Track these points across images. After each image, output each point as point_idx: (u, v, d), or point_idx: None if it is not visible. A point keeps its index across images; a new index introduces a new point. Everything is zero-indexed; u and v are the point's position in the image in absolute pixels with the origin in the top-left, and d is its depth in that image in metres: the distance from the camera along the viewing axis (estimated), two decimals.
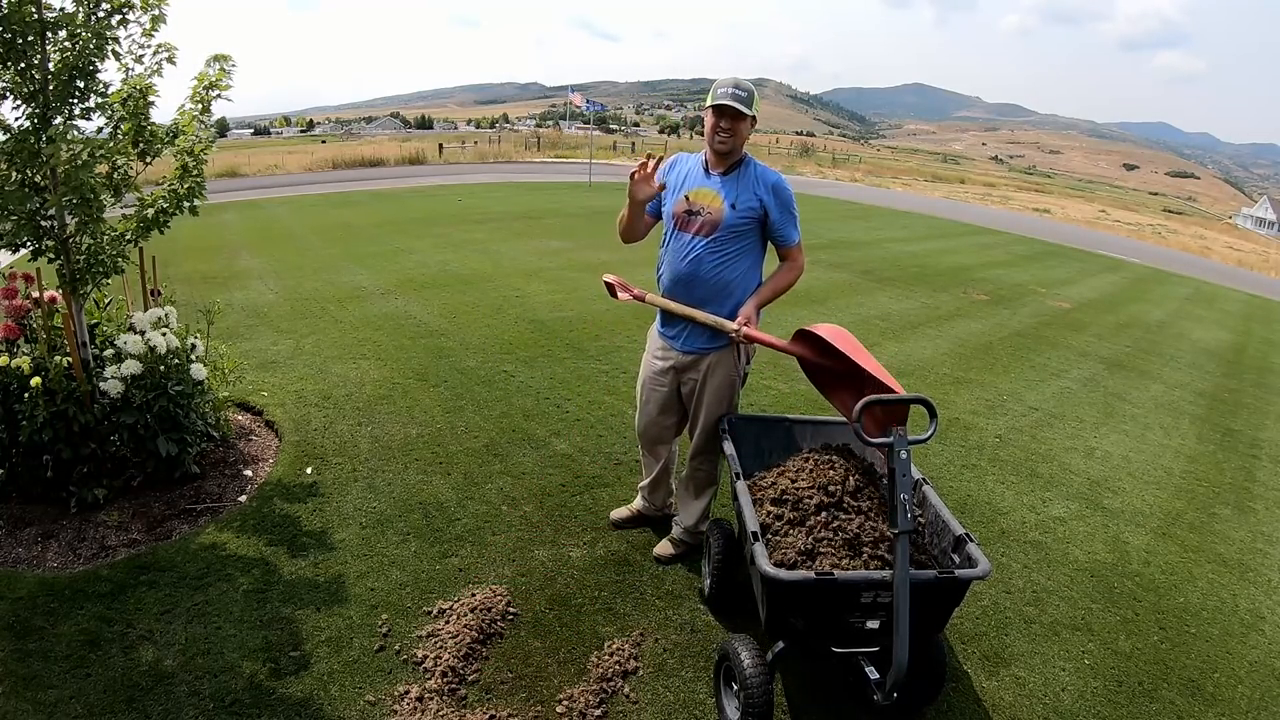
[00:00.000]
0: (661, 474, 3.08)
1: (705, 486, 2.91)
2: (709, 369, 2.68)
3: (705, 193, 2.55)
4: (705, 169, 2.59)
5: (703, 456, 2.84)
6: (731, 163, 2.54)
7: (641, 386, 2.88)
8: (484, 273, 8.05)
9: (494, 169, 24.50)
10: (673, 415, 2.88)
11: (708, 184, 2.56)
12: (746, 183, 2.53)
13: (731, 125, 2.44)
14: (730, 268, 2.56)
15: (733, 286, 2.58)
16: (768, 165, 2.60)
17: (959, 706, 2.35)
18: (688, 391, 2.78)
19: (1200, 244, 30.21)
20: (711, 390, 2.70)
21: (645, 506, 3.18)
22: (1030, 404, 5.34)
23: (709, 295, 2.59)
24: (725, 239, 2.53)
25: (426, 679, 2.27)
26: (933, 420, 2.07)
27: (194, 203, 3.14)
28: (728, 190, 2.52)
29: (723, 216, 2.51)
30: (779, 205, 2.54)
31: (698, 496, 2.92)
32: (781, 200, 2.54)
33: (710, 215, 2.53)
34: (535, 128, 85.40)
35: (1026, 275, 11.50)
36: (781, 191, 2.54)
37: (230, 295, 6.58)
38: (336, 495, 3.28)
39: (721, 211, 2.51)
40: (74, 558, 2.74)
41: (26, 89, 2.69)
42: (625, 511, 3.21)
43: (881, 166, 57.55)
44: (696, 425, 2.79)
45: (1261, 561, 3.52)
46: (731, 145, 2.48)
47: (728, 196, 2.51)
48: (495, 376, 4.84)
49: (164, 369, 3.11)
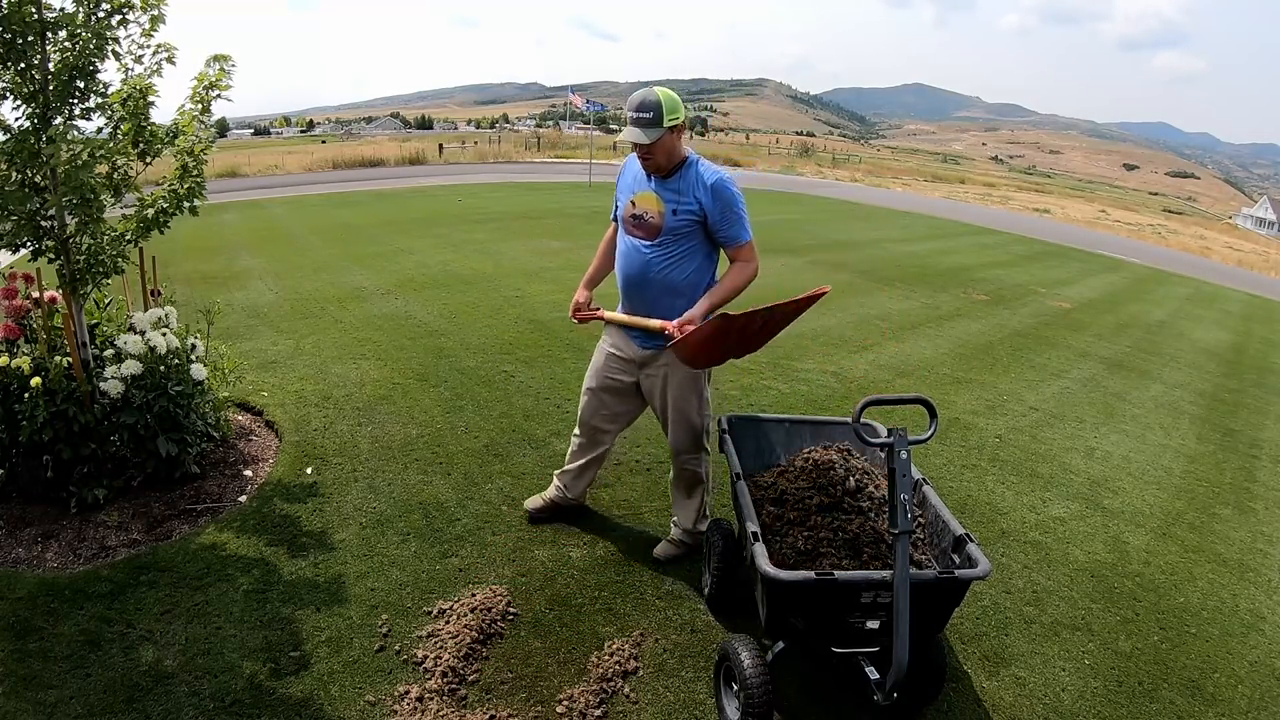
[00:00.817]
0: (591, 463, 3.03)
1: (695, 484, 2.88)
2: (669, 363, 2.67)
3: (647, 197, 2.56)
4: (647, 173, 2.57)
5: (686, 455, 2.81)
6: (670, 168, 2.52)
7: (593, 373, 2.86)
8: (484, 273, 8.05)
9: (494, 169, 24.50)
10: (625, 409, 2.88)
11: (649, 188, 2.56)
12: (686, 186, 2.51)
13: (648, 150, 2.44)
14: (676, 270, 2.56)
15: (681, 288, 2.57)
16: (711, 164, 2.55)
17: (959, 706, 2.35)
18: (648, 388, 2.76)
19: (1200, 244, 30.22)
20: (675, 385, 2.70)
21: (560, 495, 3.12)
22: (1030, 404, 5.34)
23: (658, 297, 2.59)
24: (668, 242, 2.53)
25: (426, 679, 2.27)
26: (933, 420, 2.07)
27: (194, 203, 3.14)
28: (668, 194, 2.52)
29: (663, 221, 2.52)
30: (719, 206, 2.49)
31: (689, 495, 2.91)
32: (722, 200, 2.49)
33: (652, 220, 2.54)
34: (535, 128, 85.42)
35: (1026, 275, 11.50)
36: (721, 192, 2.48)
37: (230, 295, 6.58)
38: (336, 495, 3.28)
39: (662, 216, 2.52)
40: (74, 558, 2.74)
41: (26, 89, 2.69)
42: (539, 500, 3.16)
43: (881, 167, 57.56)
44: (667, 423, 2.77)
45: (1261, 561, 3.52)
46: (655, 165, 2.49)
47: (668, 201, 2.51)
48: (495, 376, 4.85)
49: (164, 369, 3.11)
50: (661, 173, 2.52)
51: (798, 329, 6.66)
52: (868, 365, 5.80)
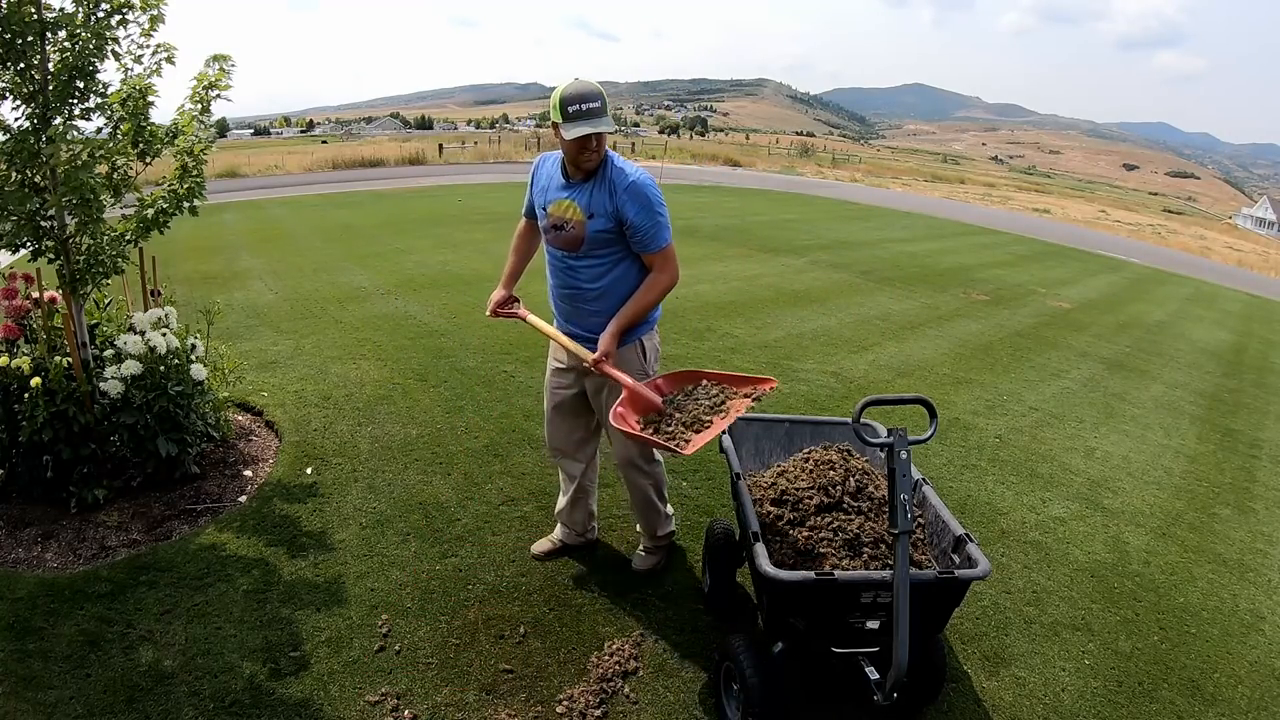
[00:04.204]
0: (579, 493, 2.81)
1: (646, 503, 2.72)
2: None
3: (564, 204, 2.34)
4: (565, 175, 2.37)
5: (631, 467, 2.62)
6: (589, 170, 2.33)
7: (547, 396, 2.71)
8: (484, 273, 8.05)
9: (494, 169, 24.50)
10: (582, 420, 2.69)
11: (565, 194, 2.35)
12: (601, 189, 2.30)
13: (599, 143, 2.24)
14: (606, 277, 2.38)
15: (612, 294, 2.39)
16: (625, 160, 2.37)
17: (959, 706, 2.35)
18: (594, 390, 2.57)
19: (1200, 244, 30.21)
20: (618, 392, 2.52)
21: (565, 534, 2.92)
22: (1030, 404, 5.34)
23: (597, 308, 2.41)
24: (592, 249, 2.34)
25: (426, 679, 2.27)
26: (933, 420, 2.07)
27: (194, 203, 3.14)
28: (585, 199, 2.31)
29: (584, 230, 2.31)
30: (637, 208, 2.27)
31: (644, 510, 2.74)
32: (639, 202, 2.27)
33: (573, 230, 2.33)
34: (535, 128, 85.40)
35: (1026, 275, 11.49)
36: (639, 193, 2.27)
37: (230, 295, 6.58)
38: (336, 495, 3.28)
39: (583, 224, 2.31)
40: (74, 558, 2.74)
41: (26, 89, 2.69)
42: (546, 544, 2.93)
43: (881, 167, 57.56)
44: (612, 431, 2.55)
45: (1261, 561, 3.52)
46: (598, 160, 2.27)
47: (585, 206, 2.31)
48: (495, 376, 4.84)
49: (164, 369, 3.11)
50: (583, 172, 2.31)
51: (798, 329, 6.67)
52: (867, 365, 5.80)
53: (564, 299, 2.49)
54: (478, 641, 2.45)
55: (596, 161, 2.28)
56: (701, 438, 2.12)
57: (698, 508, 3.38)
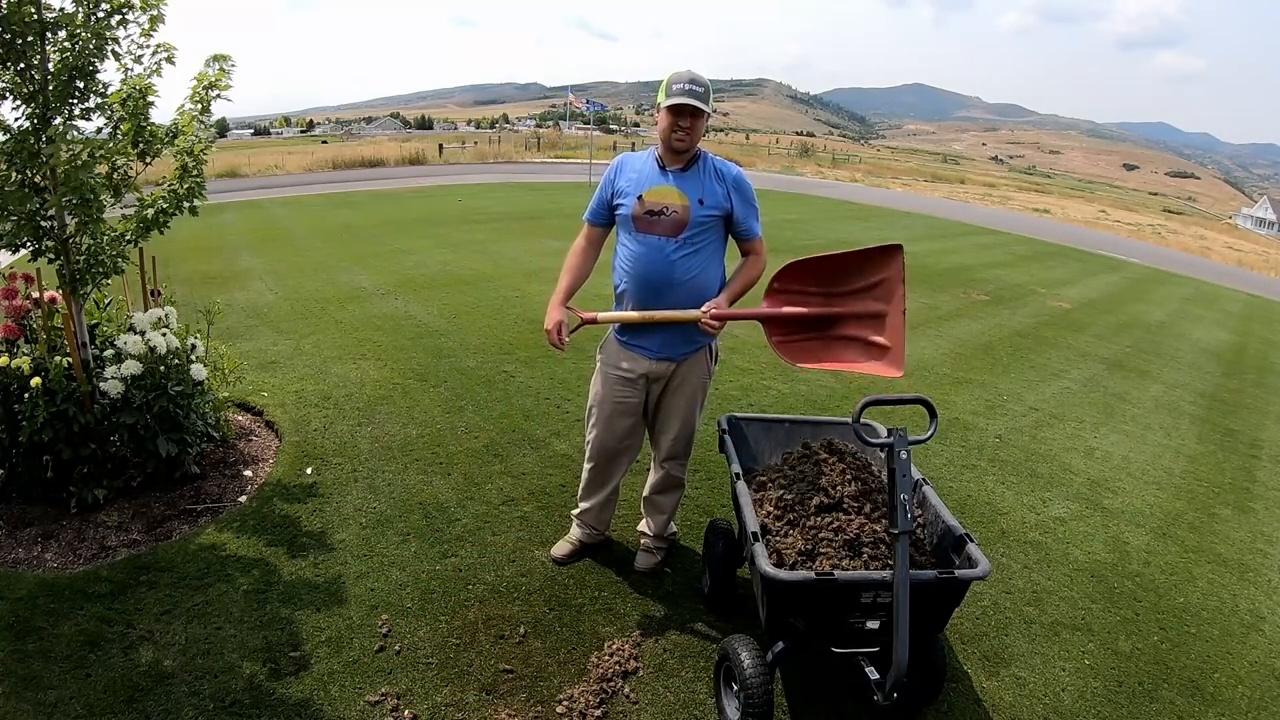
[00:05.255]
0: (613, 494, 2.90)
1: (677, 489, 2.87)
2: (684, 374, 2.61)
3: (665, 191, 2.44)
4: (660, 166, 2.48)
5: (674, 461, 2.77)
6: (688, 159, 2.46)
7: (601, 404, 2.70)
8: (484, 273, 8.05)
9: (494, 169, 24.49)
10: (641, 426, 2.77)
11: (665, 182, 2.45)
12: (708, 178, 2.46)
13: (691, 123, 2.36)
14: (701, 265, 2.48)
15: (706, 284, 2.50)
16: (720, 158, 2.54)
17: (959, 706, 2.35)
18: (656, 397, 2.67)
19: (1200, 244, 30.20)
20: (686, 395, 2.64)
21: (589, 534, 2.95)
22: (1030, 404, 5.34)
23: (683, 296, 2.47)
24: (693, 237, 2.44)
25: (426, 679, 2.27)
26: (933, 420, 2.07)
27: (194, 203, 3.14)
28: (688, 187, 2.44)
29: (689, 214, 2.42)
30: (742, 200, 2.50)
31: (668, 501, 2.88)
32: (744, 195, 2.50)
33: (676, 214, 2.42)
34: (535, 128, 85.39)
35: (1026, 275, 11.49)
36: (744, 186, 2.51)
37: (230, 295, 6.58)
38: (336, 495, 3.28)
39: (687, 209, 2.42)
40: (74, 558, 2.74)
41: (26, 89, 2.69)
42: (567, 546, 2.95)
43: (881, 167, 57.56)
44: (668, 432, 2.70)
45: (1261, 561, 3.52)
46: (689, 143, 2.41)
47: (690, 193, 2.43)
48: (495, 376, 4.84)
49: (164, 369, 3.11)
50: (690, 153, 2.45)
51: None
52: None
53: (649, 290, 2.49)
54: (478, 641, 2.45)
55: (688, 143, 2.41)
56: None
57: (698, 508, 3.38)
